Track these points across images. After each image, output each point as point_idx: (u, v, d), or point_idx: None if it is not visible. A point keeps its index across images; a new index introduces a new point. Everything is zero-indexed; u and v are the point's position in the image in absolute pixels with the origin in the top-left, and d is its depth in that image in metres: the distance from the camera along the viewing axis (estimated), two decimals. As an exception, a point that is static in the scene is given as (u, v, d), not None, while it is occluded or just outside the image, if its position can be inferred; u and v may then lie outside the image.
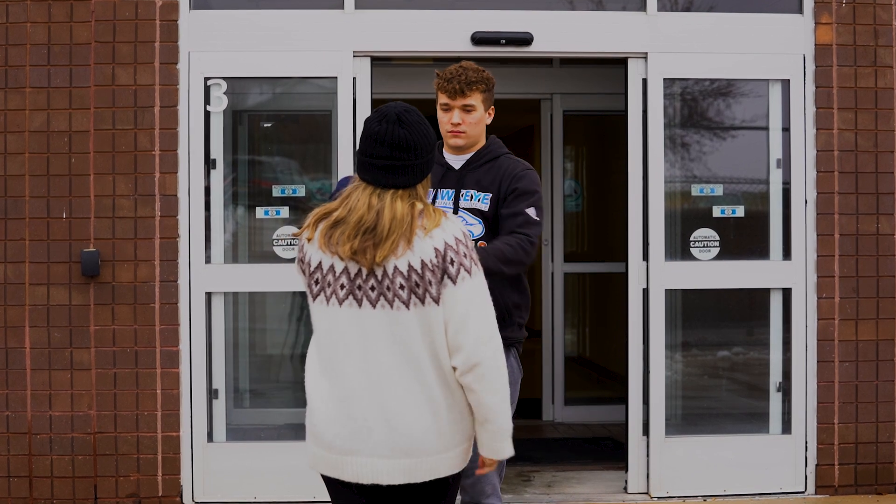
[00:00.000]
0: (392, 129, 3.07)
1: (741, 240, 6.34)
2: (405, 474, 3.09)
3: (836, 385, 6.12)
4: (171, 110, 5.90)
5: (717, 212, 6.26)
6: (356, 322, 3.07)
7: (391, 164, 3.06)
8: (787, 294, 6.21)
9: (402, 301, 3.03)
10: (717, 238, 6.21)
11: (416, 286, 3.02)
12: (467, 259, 3.06)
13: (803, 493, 6.17)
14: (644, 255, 6.13)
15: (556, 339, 8.38)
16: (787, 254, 6.22)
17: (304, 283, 3.19)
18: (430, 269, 3.02)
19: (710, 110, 6.56)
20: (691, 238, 6.21)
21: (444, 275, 3.03)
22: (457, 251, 3.05)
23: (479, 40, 6.06)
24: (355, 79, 6.02)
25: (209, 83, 6.02)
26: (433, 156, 3.17)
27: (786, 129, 6.23)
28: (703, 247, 6.21)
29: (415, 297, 3.03)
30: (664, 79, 6.14)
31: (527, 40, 6.09)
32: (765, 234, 6.30)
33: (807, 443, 6.17)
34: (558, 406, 8.36)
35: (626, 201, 6.15)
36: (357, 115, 6.00)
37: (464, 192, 4.26)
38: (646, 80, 6.13)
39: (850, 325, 6.13)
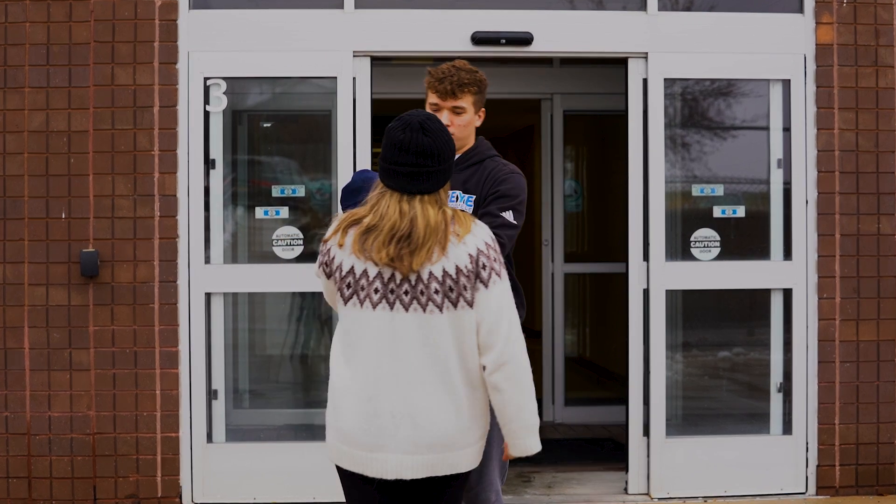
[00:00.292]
0: (416, 137, 3.21)
1: (742, 240, 6.33)
2: (428, 469, 3.23)
3: (836, 386, 6.12)
4: (170, 110, 5.89)
5: (717, 212, 6.25)
6: (388, 325, 3.21)
7: (416, 170, 3.21)
8: (787, 294, 6.20)
9: (436, 305, 3.18)
10: (718, 238, 6.20)
11: (450, 291, 3.18)
12: (497, 263, 3.24)
13: (804, 493, 6.16)
14: (644, 255, 6.12)
15: (556, 340, 8.37)
16: (787, 254, 6.21)
17: (329, 287, 3.34)
18: (465, 274, 3.19)
19: (710, 110, 6.54)
20: (692, 238, 6.20)
21: (478, 279, 3.20)
22: (488, 256, 3.22)
23: (479, 40, 6.05)
24: (355, 79, 6.01)
25: (208, 83, 6.01)
26: (453, 162, 3.31)
27: (786, 129, 6.22)
28: (704, 247, 6.20)
29: (448, 301, 3.18)
30: (664, 79, 6.13)
31: (527, 40, 6.08)
32: (765, 234, 6.29)
33: (808, 443, 6.16)
34: (558, 406, 8.35)
35: (627, 201, 6.14)
36: (357, 114, 5.99)
37: (449, 192, 4.19)
38: (646, 80, 6.12)
39: (850, 325, 6.12)
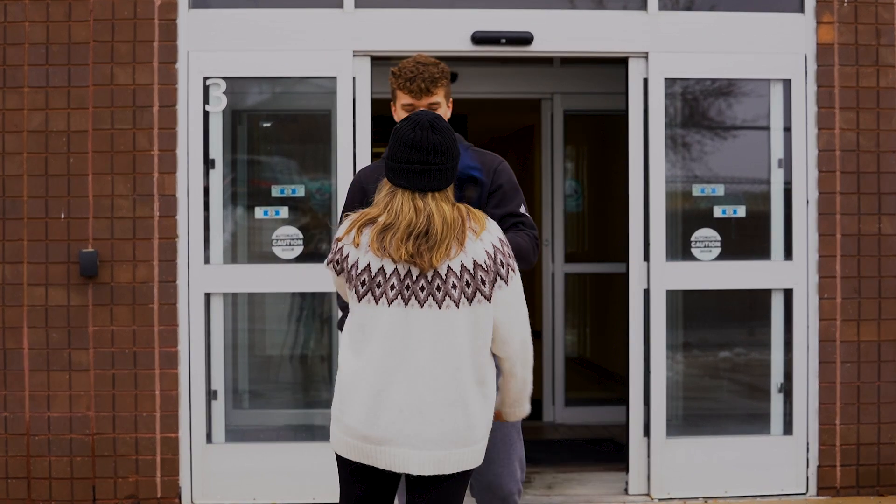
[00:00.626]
0: (427, 135, 3.29)
1: (742, 240, 6.32)
2: (435, 465, 3.29)
3: (837, 386, 6.11)
4: (169, 110, 5.88)
5: (718, 212, 6.24)
6: (401, 320, 3.26)
7: (427, 168, 3.28)
8: (788, 295, 6.19)
9: (453, 300, 3.25)
10: (719, 238, 6.19)
11: (468, 286, 3.26)
12: (511, 259, 3.35)
13: (804, 494, 6.15)
14: (645, 255, 6.11)
15: (556, 340, 8.36)
16: (788, 254, 6.20)
17: (339, 281, 3.39)
18: (484, 269, 3.27)
19: (711, 110, 6.54)
20: (692, 238, 6.19)
21: (497, 276, 3.29)
22: (503, 252, 3.33)
23: (479, 40, 6.04)
24: (355, 78, 6.00)
25: (208, 83, 6.00)
26: (458, 161, 3.39)
27: (787, 129, 6.21)
28: (705, 247, 6.19)
29: (465, 297, 3.26)
30: (665, 78, 6.12)
31: (527, 40, 6.07)
32: (766, 234, 6.28)
33: (808, 444, 6.15)
34: (559, 407, 8.34)
35: (627, 201, 6.13)
36: (357, 114, 5.98)
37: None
38: (647, 80, 6.11)
39: (851, 325, 6.11)
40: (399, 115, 4.07)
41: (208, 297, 5.99)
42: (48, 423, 5.83)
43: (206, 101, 5.99)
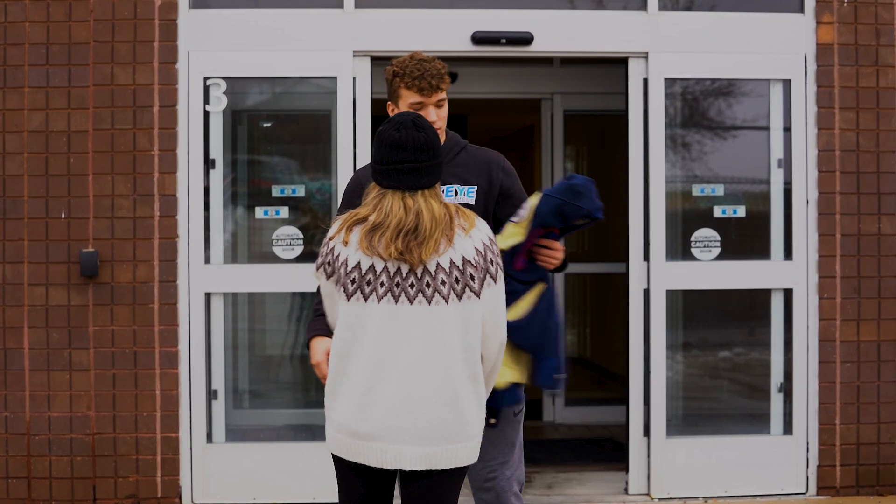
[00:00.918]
0: (412, 134, 3.31)
1: (742, 240, 6.32)
2: (426, 461, 3.28)
3: (837, 386, 6.11)
4: (170, 110, 5.88)
5: (718, 212, 6.25)
6: (392, 317, 3.27)
7: (415, 166, 3.29)
8: (788, 294, 6.20)
9: (443, 296, 3.26)
10: (718, 238, 6.19)
11: (457, 282, 3.27)
12: (499, 257, 3.38)
13: (804, 494, 6.16)
14: (645, 255, 6.11)
15: (556, 340, 8.35)
16: (788, 254, 6.20)
17: (328, 288, 3.38)
18: (473, 265, 3.28)
19: (710, 110, 6.54)
20: (692, 238, 6.19)
21: (487, 274, 3.31)
22: (493, 250, 3.35)
23: (479, 40, 6.04)
24: (355, 78, 6.01)
25: (208, 83, 6.00)
26: (443, 157, 3.41)
27: (787, 129, 6.22)
28: (704, 247, 6.19)
29: (454, 293, 3.27)
30: (665, 79, 6.12)
31: (527, 40, 6.07)
32: (766, 234, 6.28)
33: (808, 444, 6.16)
34: (559, 407, 8.34)
35: (627, 201, 6.13)
36: (357, 114, 5.98)
37: (444, 188, 3.91)
38: (647, 80, 6.11)
39: (851, 325, 6.11)
40: None
41: (209, 296, 6.00)
42: (48, 422, 5.84)
43: (206, 101, 5.99)
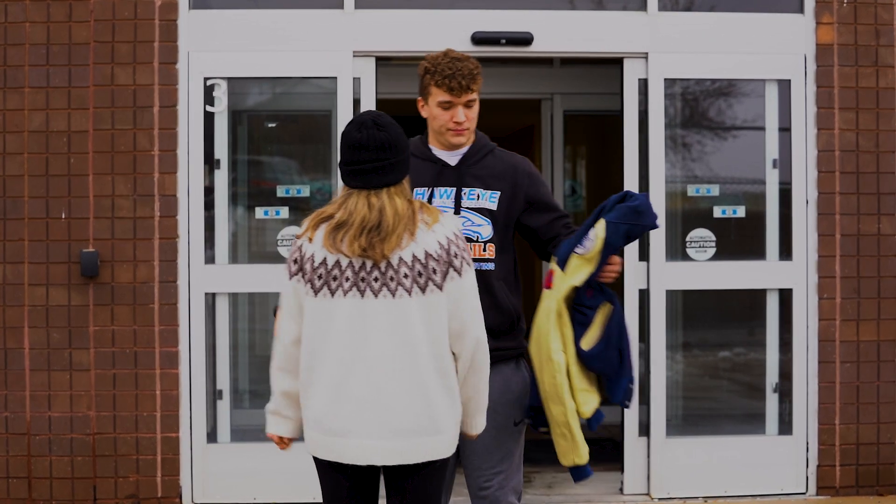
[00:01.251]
0: (373, 134, 3.33)
1: (742, 240, 6.32)
2: (398, 455, 3.30)
3: (837, 386, 6.11)
4: (170, 110, 5.89)
5: (717, 212, 6.25)
6: (358, 312, 3.30)
7: (378, 165, 3.32)
8: (787, 294, 6.20)
9: (406, 289, 3.28)
10: (714, 238, 6.19)
11: (419, 275, 3.29)
12: (466, 252, 3.37)
13: (804, 493, 6.16)
14: (641, 255, 6.11)
15: (556, 340, 8.34)
16: (787, 254, 6.20)
17: (297, 281, 3.41)
18: (435, 258, 3.30)
19: (710, 110, 6.54)
20: (687, 238, 6.19)
21: (450, 267, 3.32)
22: (457, 245, 3.35)
23: (479, 40, 6.04)
24: (360, 79, 6.01)
25: (209, 83, 6.01)
26: (409, 152, 3.42)
27: (787, 130, 6.22)
28: (700, 247, 6.19)
29: (417, 286, 3.29)
30: (665, 79, 6.13)
31: (527, 40, 6.07)
32: (765, 234, 6.28)
33: (808, 444, 6.16)
34: (558, 407, 8.33)
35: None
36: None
37: (466, 190, 3.88)
38: (646, 81, 6.12)
39: (851, 325, 6.11)
40: (433, 112, 3.86)
41: (213, 297, 6.00)
42: (49, 422, 5.84)
43: (207, 101, 6.00)
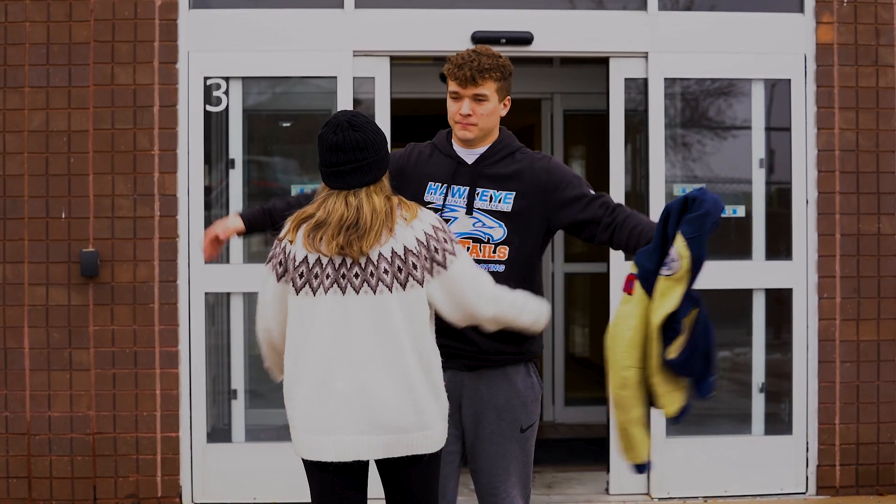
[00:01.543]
0: (348, 135, 3.34)
1: (742, 240, 6.32)
2: (384, 449, 3.33)
3: (837, 385, 6.11)
4: (170, 110, 5.89)
5: (716, 212, 6.23)
6: (339, 308, 3.32)
7: (356, 165, 3.34)
8: (787, 294, 6.20)
9: (386, 285, 3.31)
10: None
11: (399, 271, 3.31)
12: (448, 243, 3.38)
13: (804, 493, 6.16)
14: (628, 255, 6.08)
15: (556, 340, 8.36)
16: (787, 254, 6.20)
17: (281, 280, 3.42)
18: (415, 254, 3.32)
19: (710, 110, 6.54)
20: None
21: (433, 262, 3.34)
22: (437, 238, 3.36)
23: (479, 40, 6.04)
24: (374, 79, 6.03)
25: (208, 83, 6.01)
26: (387, 149, 3.45)
27: (787, 129, 6.22)
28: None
29: (397, 281, 3.31)
30: (665, 78, 6.13)
31: (527, 40, 6.07)
32: (764, 234, 6.27)
33: (808, 443, 6.16)
34: (559, 406, 8.34)
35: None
36: (376, 116, 5.95)
37: (480, 191, 3.74)
38: (646, 80, 6.12)
39: (851, 325, 6.11)
40: (448, 103, 3.78)
41: (227, 296, 6.05)
42: (49, 422, 5.84)
43: (206, 101, 6.00)
